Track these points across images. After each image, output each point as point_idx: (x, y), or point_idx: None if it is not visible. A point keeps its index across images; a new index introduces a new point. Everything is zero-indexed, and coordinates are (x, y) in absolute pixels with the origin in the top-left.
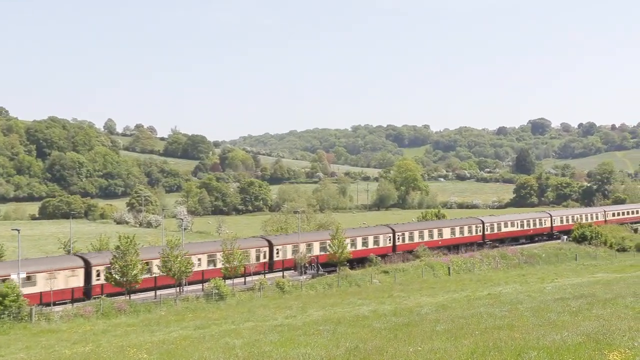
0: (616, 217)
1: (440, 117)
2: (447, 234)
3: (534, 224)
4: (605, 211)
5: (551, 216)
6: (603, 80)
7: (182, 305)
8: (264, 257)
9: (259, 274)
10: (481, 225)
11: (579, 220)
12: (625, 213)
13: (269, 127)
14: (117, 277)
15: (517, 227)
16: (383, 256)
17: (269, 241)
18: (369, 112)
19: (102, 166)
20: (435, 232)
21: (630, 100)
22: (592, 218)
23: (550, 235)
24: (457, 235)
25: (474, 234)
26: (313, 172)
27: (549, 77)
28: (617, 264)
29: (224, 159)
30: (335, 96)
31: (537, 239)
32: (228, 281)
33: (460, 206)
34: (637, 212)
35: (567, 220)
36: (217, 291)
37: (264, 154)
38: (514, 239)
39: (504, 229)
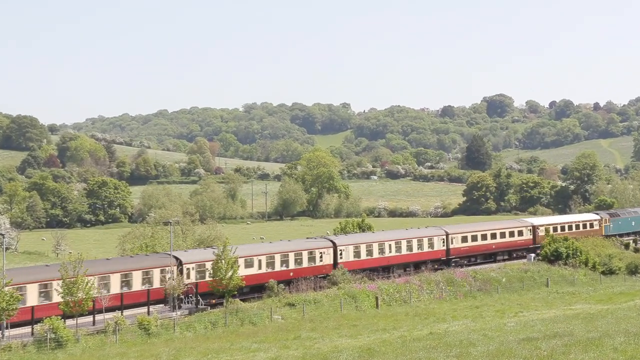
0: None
1: (365, 93)
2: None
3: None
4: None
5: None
6: (582, 45)
7: (1, 358)
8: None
9: (114, 309)
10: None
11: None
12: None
13: (128, 106)
14: None
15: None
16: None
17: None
18: (268, 86)
19: None
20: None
21: (619, 72)
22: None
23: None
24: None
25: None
26: (191, 169)
27: (512, 41)
28: (601, 291)
29: (64, 150)
30: (223, 65)
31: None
32: (70, 321)
33: (392, 214)
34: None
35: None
36: (53, 335)
37: (121, 143)
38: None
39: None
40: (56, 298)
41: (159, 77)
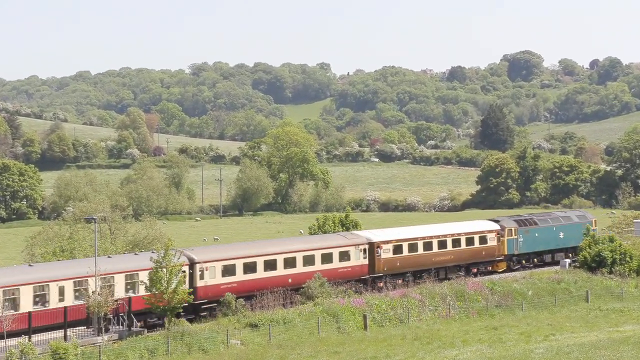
0: None
1: (351, 51)
2: (295, 262)
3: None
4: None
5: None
6: None
7: None
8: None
9: (18, 334)
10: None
11: (445, 247)
12: None
13: (37, 66)
14: None
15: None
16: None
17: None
18: (222, 41)
19: None
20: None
21: None
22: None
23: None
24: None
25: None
26: (121, 149)
27: None
28: None
29: None
30: (163, 11)
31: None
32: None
33: (385, 207)
34: None
35: (400, 252)
36: None
37: (28, 115)
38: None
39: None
40: None
41: (78, 28)
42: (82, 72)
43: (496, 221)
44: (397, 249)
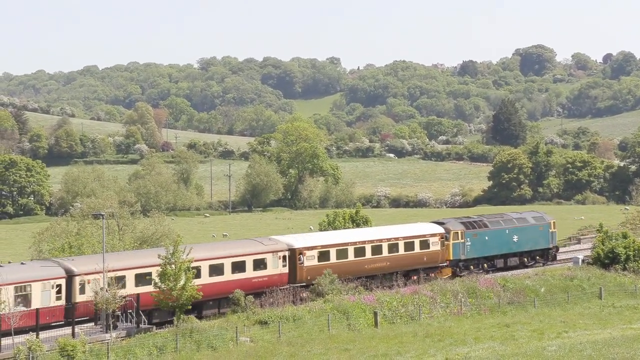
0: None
1: (360, 45)
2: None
3: (409, 248)
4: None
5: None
6: None
7: None
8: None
9: (26, 330)
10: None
11: (379, 253)
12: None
13: (44, 60)
14: None
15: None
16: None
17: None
18: (231, 35)
19: None
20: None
21: None
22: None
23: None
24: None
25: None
26: (129, 144)
27: None
28: None
29: None
30: (171, 6)
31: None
32: None
33: (396, 203)
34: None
35: (327, 259)
36: None
37: (35, 110)
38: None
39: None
40: None
41: (86, 22)
42: (90, 67)
43: (441, 223)
44: (323, 256)
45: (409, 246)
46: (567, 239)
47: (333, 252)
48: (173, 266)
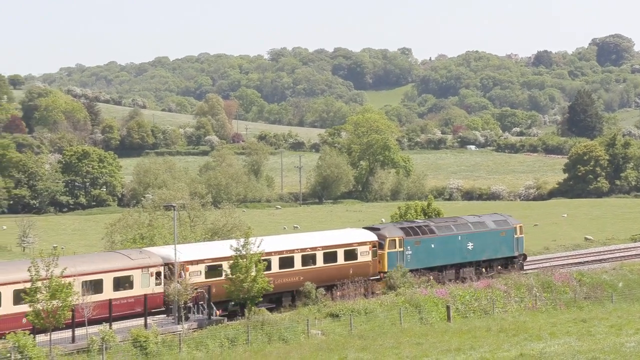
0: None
1: (432, 35)
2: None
3: (330, 259)
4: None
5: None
6: None
7: None
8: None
9: (99, 321)
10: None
11: (292, 266)
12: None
13: (116, 52)
14: None
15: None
16: None
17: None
18: (301, 26)
19: None
20: None
21: None
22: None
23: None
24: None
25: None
26: (200, 135)
27: None
28: None
29: (30, 110)
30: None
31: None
32: (41, 336)
33: (469, 196)
34: None
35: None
36: (19, 356)
37: (107, 101)
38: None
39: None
40: (22, 307)
41: (157, 14)
42: (161, 58)
43: (375, 229)
44: (213, 271)
45: (330, 257)
46: None
47: (226, 266)
48: (244, 259)
